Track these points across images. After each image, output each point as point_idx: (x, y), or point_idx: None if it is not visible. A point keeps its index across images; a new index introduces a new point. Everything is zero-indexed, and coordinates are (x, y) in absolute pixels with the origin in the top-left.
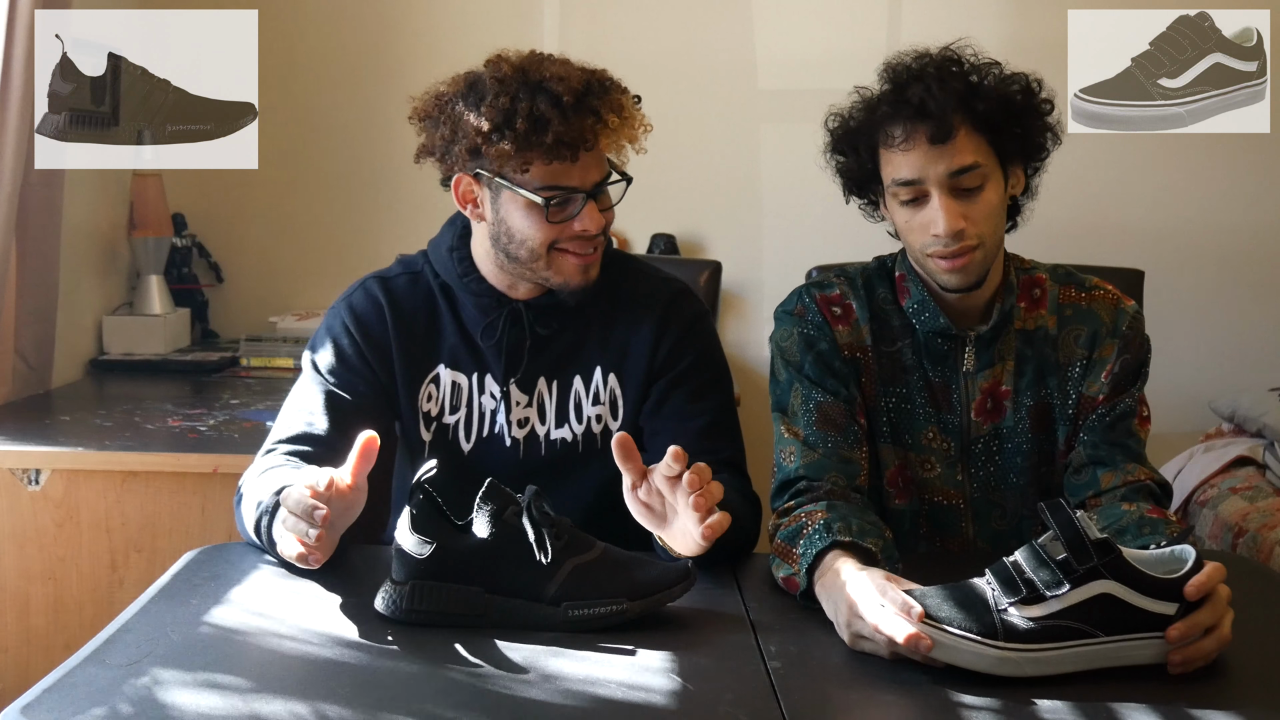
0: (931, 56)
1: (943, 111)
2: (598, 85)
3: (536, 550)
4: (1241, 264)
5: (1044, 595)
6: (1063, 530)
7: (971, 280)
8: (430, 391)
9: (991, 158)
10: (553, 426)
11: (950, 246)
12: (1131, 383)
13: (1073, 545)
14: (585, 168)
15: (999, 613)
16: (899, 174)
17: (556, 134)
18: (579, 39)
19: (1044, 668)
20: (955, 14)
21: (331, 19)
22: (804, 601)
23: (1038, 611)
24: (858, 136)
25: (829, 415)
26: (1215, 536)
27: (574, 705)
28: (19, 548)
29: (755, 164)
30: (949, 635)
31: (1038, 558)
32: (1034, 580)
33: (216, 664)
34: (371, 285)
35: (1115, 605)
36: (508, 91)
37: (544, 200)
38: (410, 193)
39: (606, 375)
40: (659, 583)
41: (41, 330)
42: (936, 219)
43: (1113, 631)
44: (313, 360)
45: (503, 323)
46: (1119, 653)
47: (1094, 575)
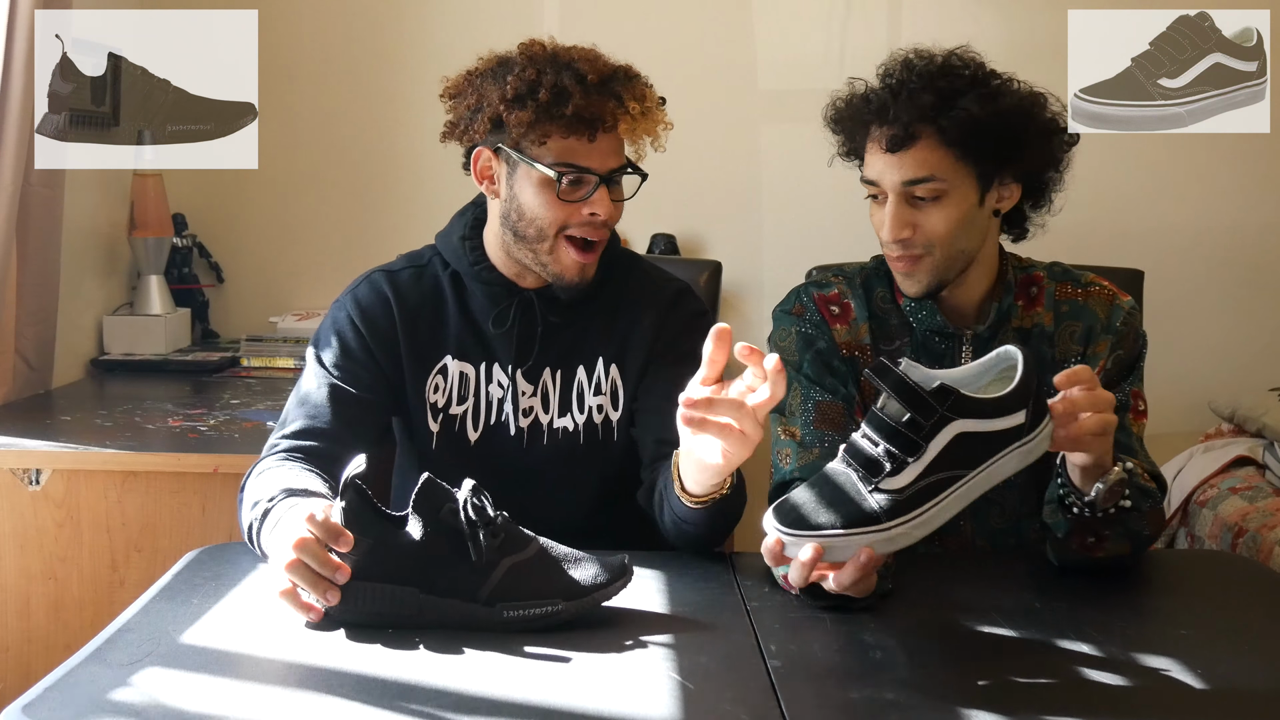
0: (926, 62)
1: (902, 121)
2: (624, 74)
3: (471, 550)
4: (1241, 264)
5: (906, 462)
6: (897, 391)
7: (920, 289)
8: (438, 382)
9: (958, 171)
10: (555, 416)
11: (893, 251)
12: (1125, 378)
13: (912, 403)
14: (602, 151)
15: (871, 495)
16: (864, 172)
17: (577, 107)
18: (579, 39)
19: (930, 526)
20: (955, 14)
21: (331, 19)
22: (803, 597)
23: (906, 479)
24: (845, 127)
25: (827, 414)
26: (1215, 536)
27: (574, 705)
28: (19, 547)
29: (755, 164)
30: (837, 538)
31: (885, 426)
32: (892, 450)
33: (217, 664)
34: (377, 279)
35: (972, 440)
36: (535, 65)
37: (557, 175)
38: (410, 192)
39: (609, 366)
40: (595, 583)
41: (42, 330)
42: (885, 223)
43: (976, 464)
44: (317, 354)
45: (514, 311)
46: (989, 479)
47: (944, 423)
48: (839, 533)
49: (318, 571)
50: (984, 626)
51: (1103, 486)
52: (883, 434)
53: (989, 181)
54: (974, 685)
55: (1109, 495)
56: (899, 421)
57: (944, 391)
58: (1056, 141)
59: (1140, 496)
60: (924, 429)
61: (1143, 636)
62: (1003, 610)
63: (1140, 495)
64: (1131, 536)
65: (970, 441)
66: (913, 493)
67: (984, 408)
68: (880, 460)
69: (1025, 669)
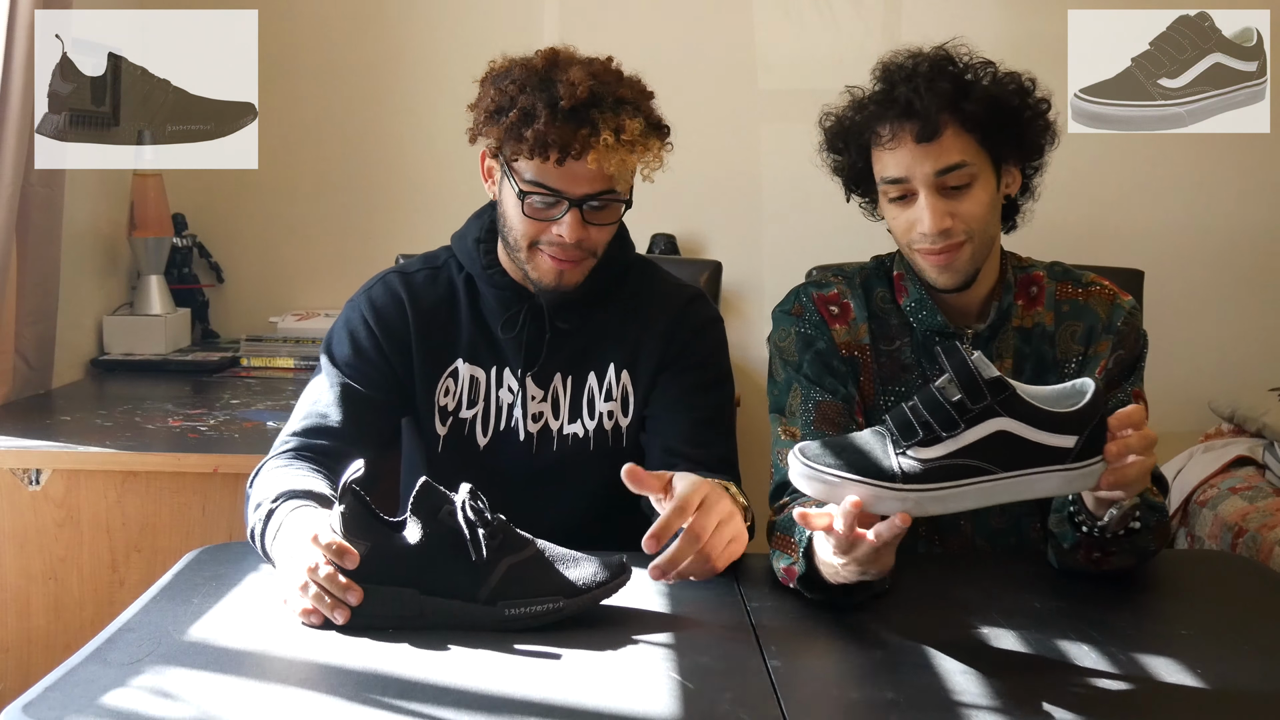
0: (924, 56)
1: (928, 111)
2: (609, 101)
3: (471, 550)
4: (1241, 264)
5: (940, 436)
6: (957, 372)
7: (960, 279)
8: (448, 385)
9: (981, 156)
10: (565, 422)
11: (936, 244)
12: (1126, 378)
13: (967, 386)
14: (574, 176)
15: (897, 457)
16: (887, 172)
17: (537, 133)
18: (579, 39)
19: (946, 505)
20: (955, 14)
21: (331, 19)
22: (804, 588)
23: (935, 453)
24: (849, 135)
25: (828, 414)
26: (1215, 536)
27: (574, 705)
28: (19, 548)
29: (755, 164)
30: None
31: (934, 401)
32: (930, 422)
33: (217, 663)
34: (392, 279)
35: (1013, 442)
36: (518, 81)
37: (521, 193)
38: (411, 193)
39: (620, 372)
40: (594, 581)
41: (42, 330)
42: (923, 217)
43: (1011, 468)
44: (329, 353)
45: (523, 316)
46: (1020, 487)
47: (990, 414)
48: (852, 476)
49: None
50: (984, 626)
51: (1116, 513)
52: (928, 406)
53: (1000, 166)
54: (974, 685)
55: (1121, 520)
56: (949, 399)
57: (1000, 384)
58: (1049, 124)
59: (1149, 513)
60: (970, 413)
61: (1143, 636)
62: (1003, 610)
63: (1149, 512)
64: (1138, 553)
65: (1011, 442)
66: (937, 467)
67: (1035, 415)
68: (915, 427)
69: (1025, 669)
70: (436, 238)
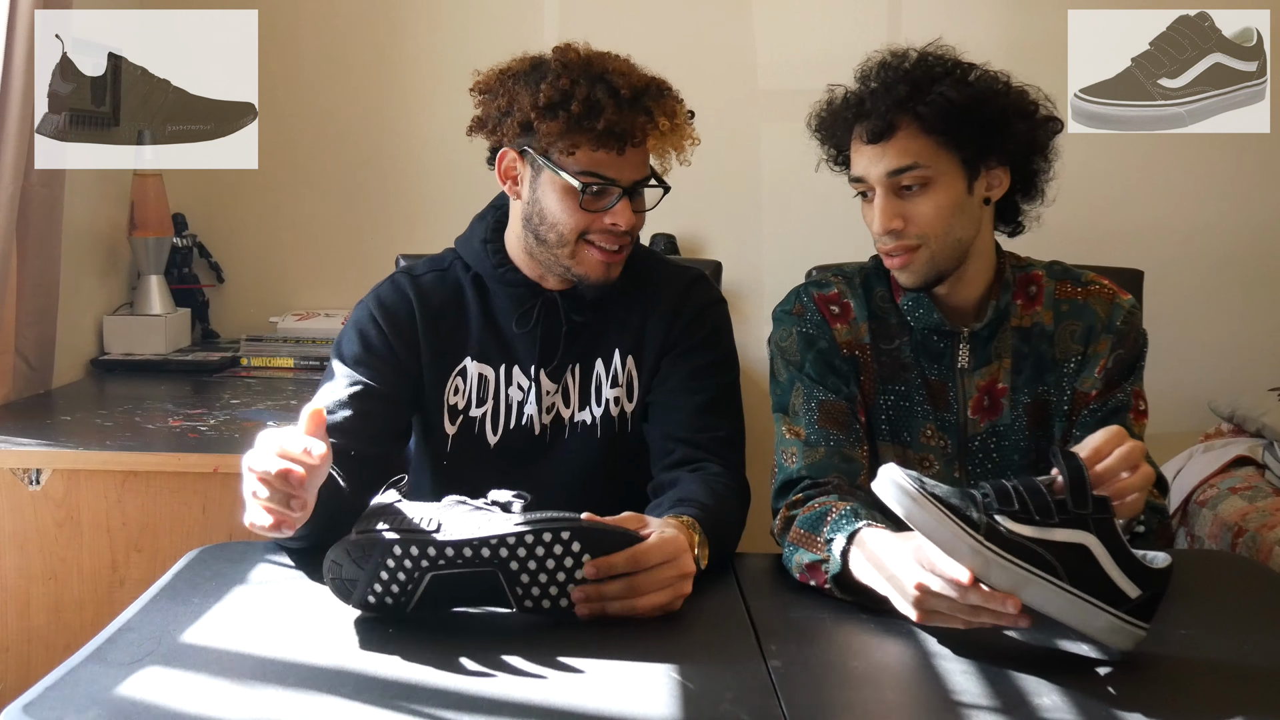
0: (903, 56)
1: (879, 111)
2: (655, 89)
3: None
4: (1241, 264)
5: (1033, 519)
6: (1071, 474)
7: (918, 280)
8: (457, 384)
9: (942, 158)
10: (576, 409)
11: (888, 244)
12: (1125, 377)
13: (1075, 489)
14: (628, 164)
15: (988, 513)
16: (851, 171)
17: (609, 122)
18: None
19: (1009, 580)
20: (955, 14)
21: (331, 19)
22: (837, 587)
23: (1020, 529)
24: (828, 133)
25: (831, 413)
26: (1215, 536)
27: (574, 705)
28: (19, 547)
29: (755, 164)
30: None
31: (1037, 488)
32: (1028, 502)
33: (218, 663)
34: (400, 280)
35: (1089, 562)
36: (570, 75)
37: (582, 185)
38: (411, 193)
39: (625, 358)
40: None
41: (42, 330)
42: (875, 217)
43: (1077, 585)
44: (339, 352)
45: (538, 312)
46: (1076, 609)
47: (1082, 524)
48: (945, 510)
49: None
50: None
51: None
52: (1029, 489)
53: (975, 168)
54: (974, 685)
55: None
56: (1052, 494)
57: (1103, 504)
58: (1039, 125)
59: (1151, 515)
60: (1067, 514)
61: None
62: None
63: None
64: None
65: (1087, 561)
66: (1016, 542)
67: (1119, 550)
68: (1012, 498)
69: (1025, 669)
70: (436, 237)
